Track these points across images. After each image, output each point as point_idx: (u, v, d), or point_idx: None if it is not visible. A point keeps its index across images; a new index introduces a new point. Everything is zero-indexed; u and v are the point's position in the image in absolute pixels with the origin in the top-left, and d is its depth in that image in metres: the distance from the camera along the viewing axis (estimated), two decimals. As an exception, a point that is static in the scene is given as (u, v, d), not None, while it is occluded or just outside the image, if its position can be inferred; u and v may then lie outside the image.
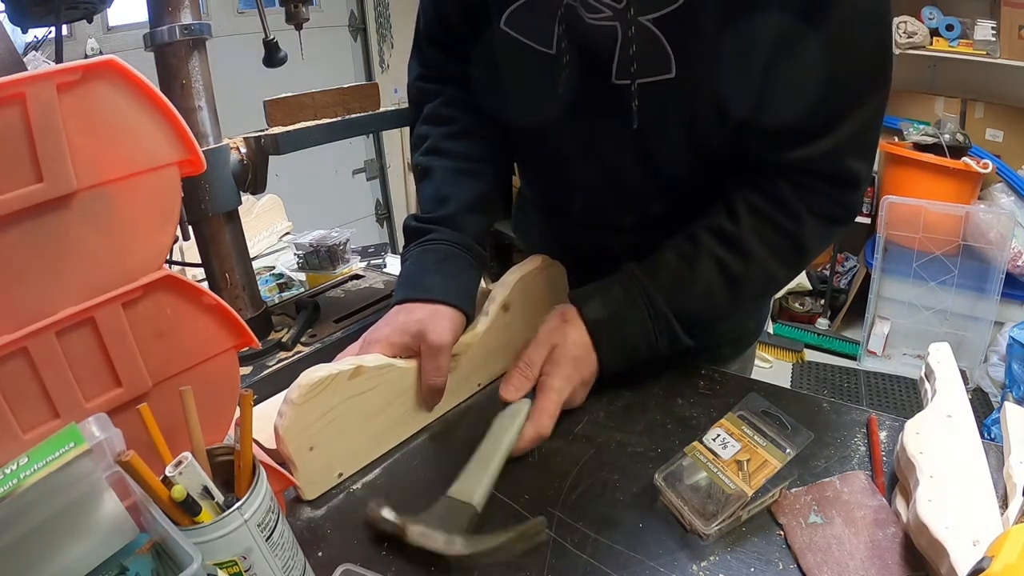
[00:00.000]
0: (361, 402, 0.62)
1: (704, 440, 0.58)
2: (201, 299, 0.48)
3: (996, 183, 2.58)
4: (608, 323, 0.68)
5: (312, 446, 0.59)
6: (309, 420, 0.58)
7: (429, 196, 0.77)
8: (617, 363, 0.69)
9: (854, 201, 0.67)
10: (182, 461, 0.41)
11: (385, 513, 0.53)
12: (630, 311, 0.69)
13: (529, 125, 0.77)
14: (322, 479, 0.61)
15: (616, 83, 0.65)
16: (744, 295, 0.70)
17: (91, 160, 0.42)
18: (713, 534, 0.52)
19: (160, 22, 0.70)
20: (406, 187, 3.68)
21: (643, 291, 0.69)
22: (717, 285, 0.68)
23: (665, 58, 0.61)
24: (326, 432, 0.60)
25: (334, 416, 0.60)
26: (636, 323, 0.69)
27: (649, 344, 0.69)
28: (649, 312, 0.69)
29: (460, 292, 0.69)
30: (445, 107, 0.80)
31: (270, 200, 1.46)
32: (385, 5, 3.32)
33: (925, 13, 2.61)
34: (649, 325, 0.69)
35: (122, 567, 0.39)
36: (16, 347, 0.41)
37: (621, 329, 0.69)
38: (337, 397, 0.60)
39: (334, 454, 0.61)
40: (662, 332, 0.69)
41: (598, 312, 0.69)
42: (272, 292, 1.19)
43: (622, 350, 0.69)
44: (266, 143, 0.75)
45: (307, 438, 0.58)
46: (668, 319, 0.69)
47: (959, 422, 0.57)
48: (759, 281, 0.70)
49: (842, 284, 3.15)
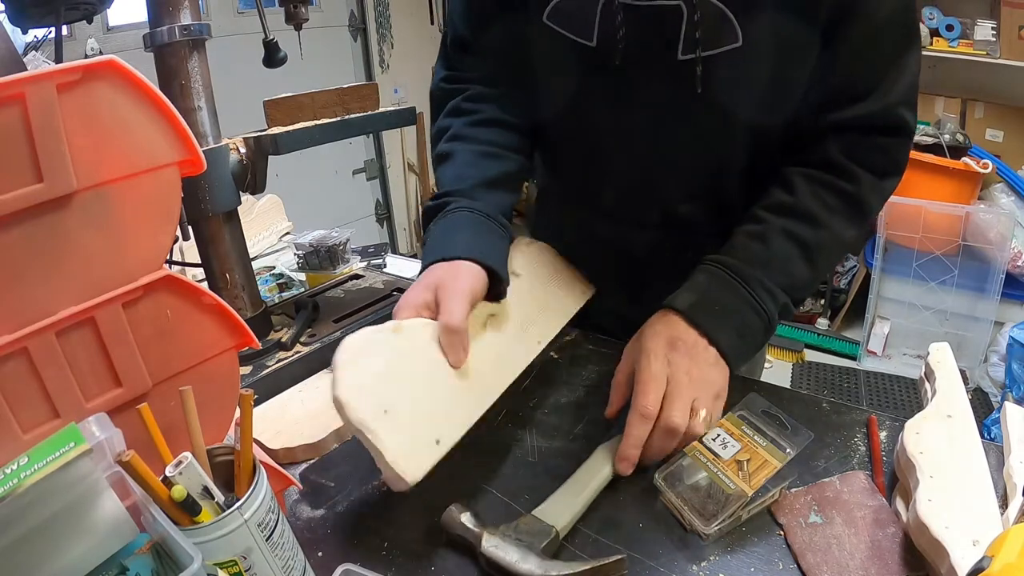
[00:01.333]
0: (417, 361, 0.56)
1: (704, 440, 0.58)
2: (201, 299, 0.48)
3: (996, 183, 2.58)
4: (701, 303, 0.64)
5: (386, 408, 0.51)
6: (366, 379, 0.52)
7: (451, 177, 0.75)
8: (731, 338, 0.64)
9: (905, 152, 0.69)
10: (182, 461, 0.41)
11: (465, 519, 0.52)
12: (720, 287, 0.65)
13: (566, 117, 0.77)
14: (419, 449, 0.52)
15: (681, 59, 0.65)
16: (820, 260, 0.69)
17: (91, 160, 0.42)
18: (713, 534, 0.52)
19: (160, 22, 0.70)
20: (406, 187, 3.69)
21: (725, 268, 0.66)
22: (794, 255, 0.67)
23: (731, 28, 0.62)
24: (394, 393, 0.52)
25: (394, 376, 0.54)
26: (732, 295, 0.65)
27: (755, 309, 0.65)
28: (739, 281, 0.65)
29: (482, 249, 0.66)
30: (467, 101, 0.80)
31: (270, 200, 1.46)
32: (385, 5, 3.32)
33: (925, 13, 2.62)
34: (744, 292, 0.65)
35: (122, 567, 0.39)
36: (16, 347, 0.41)
37: (718, 303, 0.65)
38: (387, 353, 0.54)
39: (419, 417, 0.53)
40: (760, 294, 0.65)
41: (685, 300, 0.65)
42: (272, 292, 1.19)
43: (729, 322, 0.64)
44: (266, 143, 0.75)
45: (376, 399, 0.51)
46: (759, 280, 0.65)
47: (959, 422, 0.57)
48: (830, 244, 0.69)
49: (842, 284, 3.15)
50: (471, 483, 0.61)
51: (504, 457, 0.64)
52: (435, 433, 0.54)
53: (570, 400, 0.72)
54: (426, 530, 0.56)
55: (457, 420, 0.56)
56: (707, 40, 0.64)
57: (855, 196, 0.67)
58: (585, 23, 0.68)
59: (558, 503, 0.55)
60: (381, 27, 3.33)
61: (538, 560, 0.48)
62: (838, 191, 0.67)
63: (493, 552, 0.49)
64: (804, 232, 0.67)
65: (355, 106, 0.82)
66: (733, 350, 0.63)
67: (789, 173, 0.69)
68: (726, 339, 0.63)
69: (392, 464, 0.50)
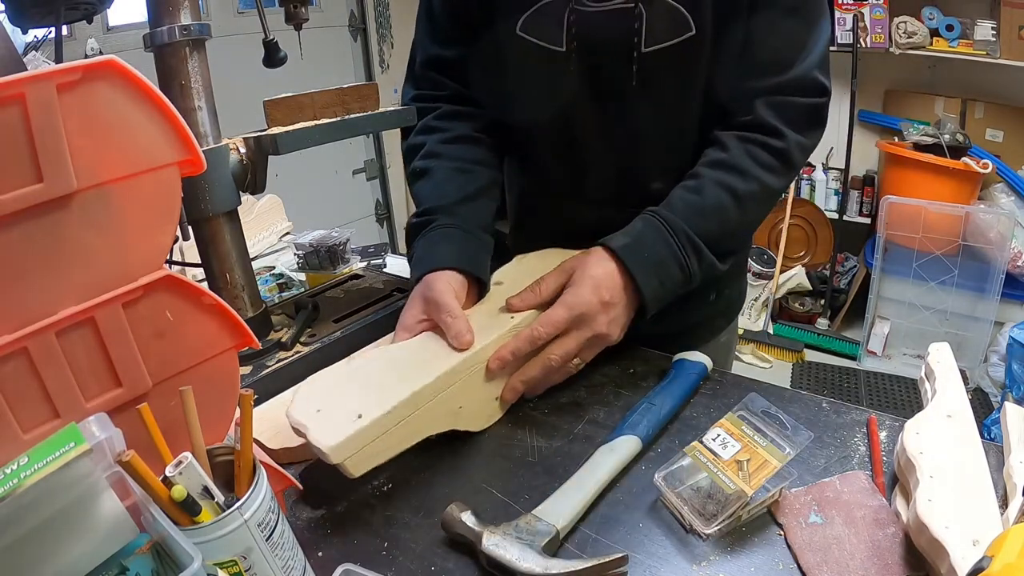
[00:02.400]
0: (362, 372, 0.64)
1: (704, 440, 0.58)
2: (201, 299, 0.48)
3: (996, 183, 2.58)
4: (632, 246, 0.70)
5: (318, 408, 0.58)
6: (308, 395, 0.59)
7: (430, 193, 0.81)
8: (653, 286, 0.70)
9: (824, 109, 0.78)
10: (182, 461, 0.41)
11: (466, 518, 0.52)
12: (652, 235, 0.72)
13: (543, 118, 0.83)
14: (339, 425, 0.56)
15: (645, 51, 0.74)
16: (751, 209, 0.77)
17: (91, 160, 0.42)
18: (713, 534, 0.52)
19: (160, 22, 0.70)
20: (406, 187, 3.67)
21: (660, 219, 0.72)
22: (726, 204, 0.73)
23: (684, 19, 0.72)
24: (331, 398, 0.59)
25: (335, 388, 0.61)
26: (661, 243, 0.71)
27: (680, 264, 0.71)
28: (670, 232, 0.71)
29: (461, 258, 0.74)
30: (438, 119, 0.86)
31: (270, 200, 1.47)
32: (385, 5, 3.32)
33: (925, 13, 2.62)
34: (674, 244, 0.71)
35: (122, 567, 0.39)
36: (16, 347, 0.41)
37: (647, 249, 0.70)
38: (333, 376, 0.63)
39: (348, 406, 0.58)
40: (688, 250, 0.71)
41: (620, 240, 0.71)
42: (272, 292, 1.19)
43: (654, 271, 0.70)
44: (266, 143, 0.75)
45: (310, 405, 0.58)
46: (690, 236, 0.72)
47: (959, 422, 0.57)
48: (759, 194, 0.76)
49: (842, 284, 3.15)
50: (471, 483, 0.61)
51: (504, 457, 0.64)
52: (357, 411, 0.58)
53: (570, 400, 0.72)
54: (426, 530, 0.56)
55: (383, 399, 0.59)
56: (665, 32, 0.73)
57: (783, 151, 0.75)
58: (554, 31, 0.76)
59: (558, 502, 0.55)
60: (381, 27, 3.34)
61: (538, 558, 0.49)
62: (767, 147, 0.75)
63: (494, 550, 0.49)
64: (736, 183, 0.74)
65: (355, 106, 0.82)
66: (654, 299, 0.70)
67: (722, 135, 0.77)
68: (650, 288, 0.70)
69: (314, 442, 0.55)
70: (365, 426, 0.56)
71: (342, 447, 0.54)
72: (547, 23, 0.76)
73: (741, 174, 0.74)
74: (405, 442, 0.60)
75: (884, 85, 2.90)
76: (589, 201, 0.88)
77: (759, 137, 0.75)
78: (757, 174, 0.74)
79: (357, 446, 0.56)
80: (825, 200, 3.07)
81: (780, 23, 0.72)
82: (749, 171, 0.74)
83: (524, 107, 0.85)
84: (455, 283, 0.71)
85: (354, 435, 0.55)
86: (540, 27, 0.77)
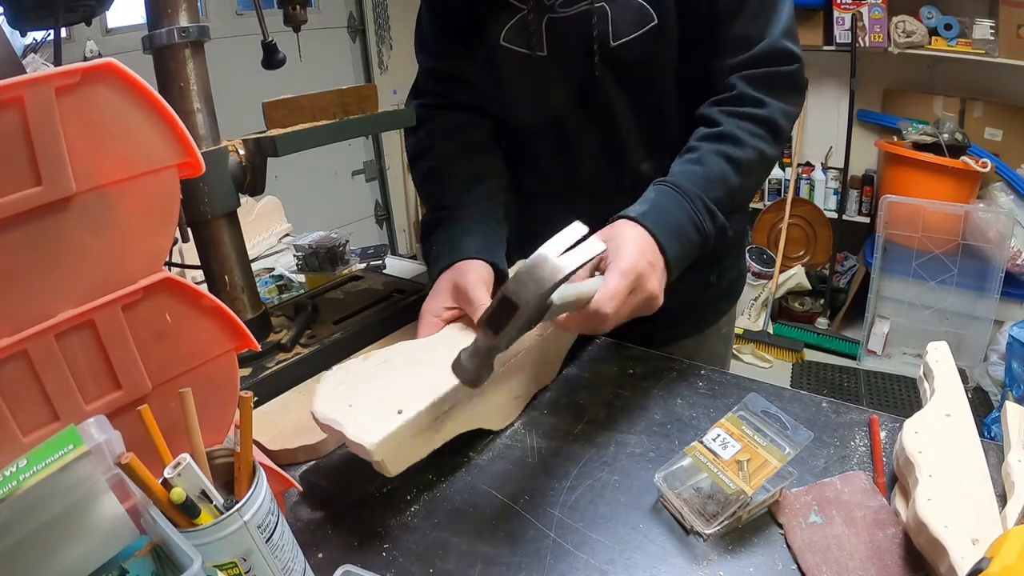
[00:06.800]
0: (385, 367, 0.63)
1: (704, 440, 0.58)
2: (200, 301, 0.48)
3: (995, 182, 2.58)
4: (651, 212, 0.71)
5: (350, 403, 0.57)
6: (332, 391, 0.58)
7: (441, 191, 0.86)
8: (675, 249, 0.70)
9: (800, 75, 0.82)
10: (180, 463, 0.41)
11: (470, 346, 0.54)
12: (667, 201, 0.73)
13: (536, 118, 0.88)
14: (379, 421, 0.55)
15: (614, 45, 0.79)
16: (750, 176, 0.79)
17: (90, 163, 0.42)
18: (713, 534, 0.52)
19: (158, 24, 0.70)
20: (405, 188, 3.69)
21: (671, 185, 0.74)
22: (727, 171, 0.76)
23: (646, 12, 0.78)
24: (359, 393, 0.58)
25: (361, 383, 0.60)
26: (677, 208, 0.72)
27: (695, 224, 0.72)
28: (684, 196, 0.73)
29: (483, 248, 0.77)
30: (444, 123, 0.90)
31: (269, 202, 1.46)
32: (384, 6, 3.32)
33: (924, 12, 2.62)
34: (688, 207, 0.72)
35: (122, 569, 0.39)
36: (16, 350, 0.41)
37: (666, 213, 0.71)
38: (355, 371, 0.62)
39: (382, 401, 0.57)
40: (700, 210, 0.73)
41: (638, 208, 0.72)
42: (271, 294, 1.19)
43: (674, 234, 0.71)
44: (265, 145, 0.75)
45: (340, 400, 0.57)
46: (700, 198, 0.73)
47: (958, 421, 0.57)
48: (757, 161, 0.78)
49: (841, 284, 3.15)
50: (471, 483, 0.61)
51: (504, 457, 0.64)
52: (396, 407, 0.57)
53: (570, 400, 0.72)
54: (426, 531, 0.56)
55: (422, 393, 0.59)
56: (630, 25, 0.78)
57: (768, 119, 0.78)
58: (534, 38, 0.82)
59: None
60: (380, 28, 3.34)
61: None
62: (753, 117, 0.78)
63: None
64: (733, 151, 0.76)
65: (354, 107, 0.82)
66: (676, 261, 0.70)
67: (710, 112, 0.80)
68: (672, 250, 0.70)
69: (354, 438, 0.54)
70: (408, 421, 0.55)
71: (385, 443, 0.54)
72: (526, 32, 0.82)
73: (736, 143, 0.77)
74: (437, 441, 0.60)
75: (883, 84, 2.90)
76: (582, 189, 0.91)
77: (744, 110, 0.78)
78: (752, 143, 0.77)
79: (398, 442, 0.55)
80: (824, 199, 3.06)
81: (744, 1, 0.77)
82: (743, 140, 0.77)
83: (519, 111, 0.90)
84: (485, 274, 0.74)
85: (397, 431, 0.55)
86: (520, 36, 0.83)
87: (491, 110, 0.93)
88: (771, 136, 0.79)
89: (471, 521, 0.57)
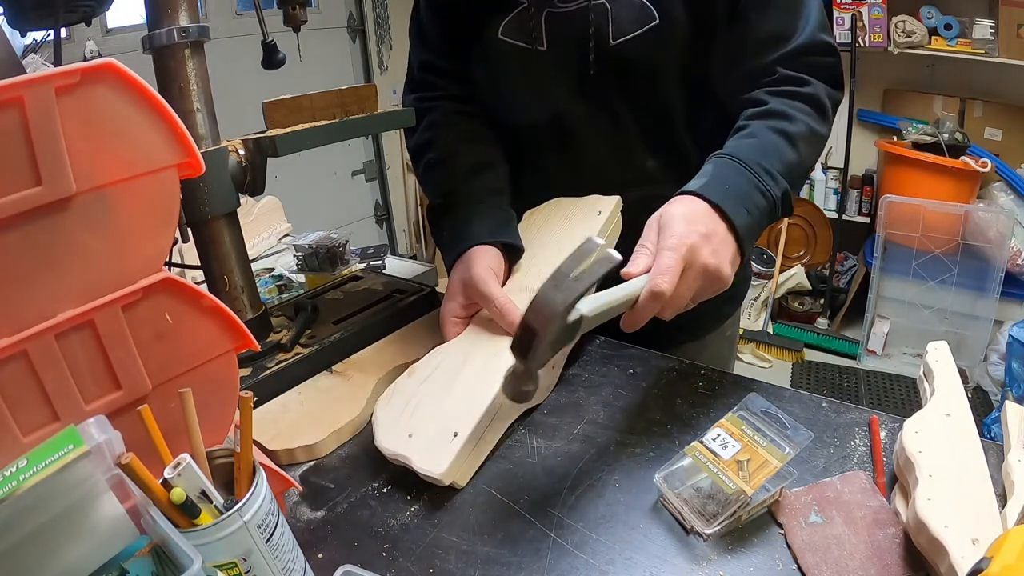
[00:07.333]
0: (433, 384, 0.66)
1: (704, 440, 0.58)
2: (200, 301, 0.48)
3: (995, 182, 2.58)
4: (711, 184, 0.69)
5: (410, 433, 0.61)
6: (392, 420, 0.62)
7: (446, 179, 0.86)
8: (742, 216, 0.67)
9: (838, 67, 0.81)
10: (180, 463, 0.41)
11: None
12: (727, 171, 0.71)
13: (536, 115, 0.87)
14: (439, 448, 0.59)
15: (614, 43, 0.79)
16: (803, 150, 0.77)
17: (90, 163, 0.42)
18: (713, 534, 0.52)
19: (158, 24, 0.70)
20: (405, 188, 3.69)
21: (729, 156, 0.72)
22: (781, 143, 0.74)
23: (648, 11, 0.78)
24: (416, 420, 0.62)
25: (414, 407, 0.64)
26: (739, 176, 0.70)
27: (760, 189, 0.70)
28: (744, 165, 0.71)
29: (491, 230, 0.78)
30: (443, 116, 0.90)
31: (269, 202, 1.47)
32: (384, 6, 3.32)
33: (924, 12, 2.62)
34: (750, 174, 0.70)
35: (122, 569, 0.39)
36: (16, 350, 0.41)
37: (727, 182, 0.69)
38: (406, 393, 0.66)
39: (438, 425, 0.61)
40: (765, 178, 0.70)
41: (697, 183, 0.69)
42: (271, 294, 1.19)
43: (740, 201, 0.68)
44: (265, 145, 0.75)
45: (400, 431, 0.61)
46: (763, 165, 0.71)
47: (958, 421, 0.57)
48: (809, 136, 0.77)
49: (841, 283, 3.15)
50: (471, 483, 0.61)
51: (504, 457, 0.64)
52: (452, 429, 0.61)
53: (570, 400, 0.72)
54: (426, 531, 0.56)
55: (470, 409, 0.62)
56: (631, 24, 0.78)
57: (813, 96, 0.78)
58: (534, 32, 0.81)
59: None
60: (380, 28, 3.34)
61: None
62: (799, 96, 0.77)
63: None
64: (784, 125, 0.75)
65: (354, 107, 0.82)
66: (746, 229, 0.67)
67: (755, 94, 0.79)
68: (740, 217, 0.67)
69: (422, 470, 0.58)
70: (464, 442, 0.59)
71: (451, 469, 0.58)
72: (525, 26, 0.82)
73: (786, 118, 0.76)
74: (492, 441, 0.64)
75: (883, 84, 2.91)
76: (586, 188, 0.89)
77: (788, 88, 0.77)
78: (801, 118, 0.76)
79: (461, 462, 0.59)
80: (824, 199, 3.07)
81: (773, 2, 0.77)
82: (793, 115, 0.76)
83: (519, 109, 0.90)
84: (492, 261, 0.74)
85: (458, 454, 0.59)
86: (519, 30, 0.82)
87: (491, 112, 0.92)
88: (819, 114, 0.78)
89: (471, 521, 0.57)
